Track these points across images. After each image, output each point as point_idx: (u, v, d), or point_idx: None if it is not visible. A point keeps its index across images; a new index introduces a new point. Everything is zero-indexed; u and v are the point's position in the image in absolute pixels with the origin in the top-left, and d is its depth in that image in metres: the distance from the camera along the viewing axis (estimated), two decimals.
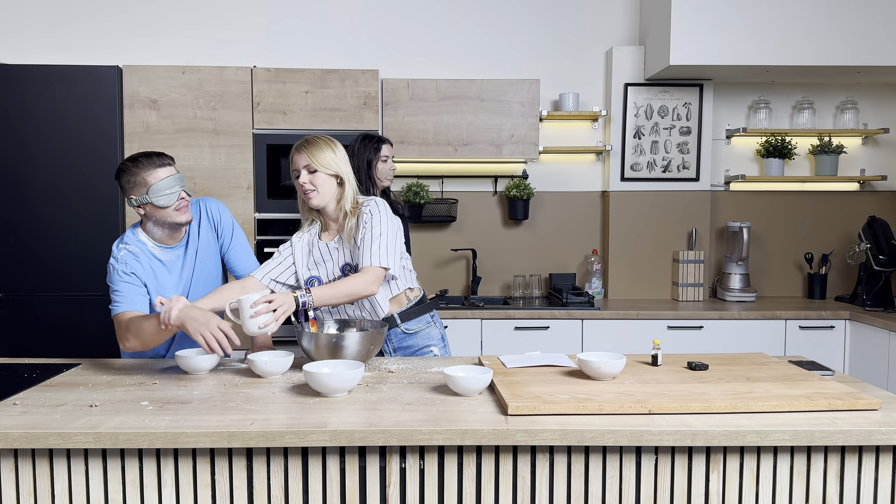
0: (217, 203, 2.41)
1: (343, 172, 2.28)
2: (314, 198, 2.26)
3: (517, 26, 4.19)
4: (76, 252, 3.50)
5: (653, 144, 4.13)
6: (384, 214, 2.28)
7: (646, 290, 4.19)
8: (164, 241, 2.29)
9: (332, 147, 2.28)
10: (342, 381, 1.84)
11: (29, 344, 3.49)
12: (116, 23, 4.05)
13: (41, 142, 3.50)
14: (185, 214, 2.22)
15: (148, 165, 2.16)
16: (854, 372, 3.68)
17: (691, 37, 3.67)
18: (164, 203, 2.16)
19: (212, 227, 2.38)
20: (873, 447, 1.64)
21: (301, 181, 2.25)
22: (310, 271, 2.36)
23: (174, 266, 2.32)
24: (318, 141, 2.28)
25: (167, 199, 2.16)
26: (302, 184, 2.25)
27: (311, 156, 2.24)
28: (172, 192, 2.17)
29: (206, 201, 2.39)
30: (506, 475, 1.64)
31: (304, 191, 2.26)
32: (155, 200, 2.15)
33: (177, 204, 2.19)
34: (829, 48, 3.68)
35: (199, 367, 2.10)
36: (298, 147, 2.27)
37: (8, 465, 1.62)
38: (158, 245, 2.28)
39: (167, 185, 2.16)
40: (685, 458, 1.64)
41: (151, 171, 2.16)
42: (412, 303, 2.45)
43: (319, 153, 2.25)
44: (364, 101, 3.67)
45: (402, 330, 2.43)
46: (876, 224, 3.90)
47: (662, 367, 2.13)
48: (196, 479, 1.63)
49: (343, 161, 2.29)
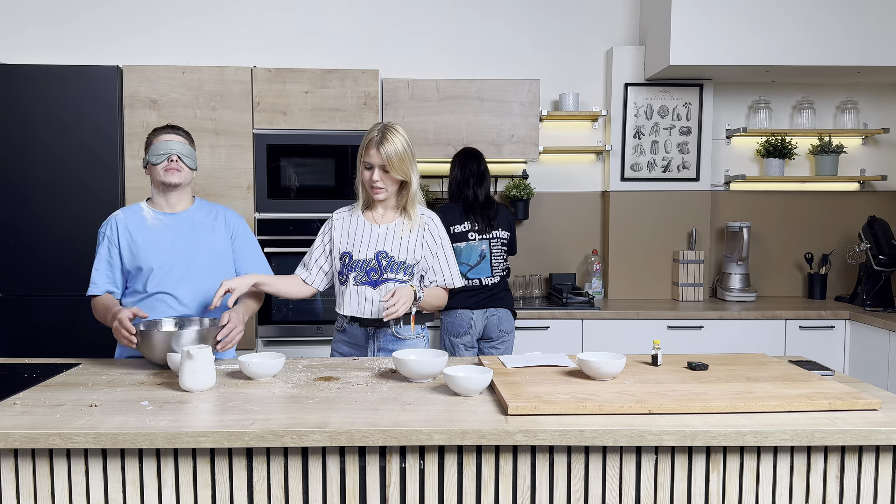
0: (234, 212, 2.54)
1: (412, 176, 2.38)
2: (380, 194, 2.38)
3: (517, 26, 4.19)
4: (76, 252, 3.50)
5: (653, 144, 4.13)
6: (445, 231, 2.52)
7: (646, 290, 4.19)
8: (162, 206, 2.42)
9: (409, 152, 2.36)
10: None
11: (29, 344, 3.49)
12: (116, 23, 4.05)
13: (41, 142, 3.50)
14: (173, 175, 2.35)
15: (159, 132, 2.39)
16: (854, 372, 3.68)
17: (691, 37, 3.67)
18: (155, 161, 2.34)
19: (226, 226, 2.47)
20: (873, 447, 1.64)
21: (374, 178, 2.34)
22: (344, 246, 2.43)
23: (167, 234, 2.39)
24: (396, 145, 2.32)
25: (157, 158, 2.34)
26: (374, 181, 2.35)
27: (389, 161, 2.31)
28: (165, 152, 2.33)
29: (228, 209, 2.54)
30: (506, 475, 1.64)
31: (373, 187, 2.36)
32: (150, 158, 2.35)
33: (166, 164, 2.33)
34: (830, 48, 3.68)
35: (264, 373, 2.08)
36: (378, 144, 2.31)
37: (8, 465, 1.62)
38: (154, 210, 2.41)
39: (162, 147, 2.34)
40: (685, 458, 1.64)
41: (159, 135, 2.38)
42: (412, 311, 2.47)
43: (398, 160, 2.32)
44: (364, 101, 3.67)
45: (394, 333, 2.42)
46: (876, 224, 3.89)
47: (662, 367, 2.13)
48: (196, 479, 1.62)
49: (413, 162, 2.38)
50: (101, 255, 2.38)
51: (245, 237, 2.49)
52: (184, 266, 2.36)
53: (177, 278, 2.35)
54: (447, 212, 3.34)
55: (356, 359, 2.34)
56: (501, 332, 3.33)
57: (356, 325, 2.42)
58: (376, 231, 2.41)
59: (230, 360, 2.31)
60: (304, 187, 3.65)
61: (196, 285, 2.37)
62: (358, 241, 2.41)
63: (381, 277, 2.38)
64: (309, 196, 3.65)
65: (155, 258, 2.34)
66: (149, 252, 2.34)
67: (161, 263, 2.34)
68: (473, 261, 3.33)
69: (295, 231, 3.66)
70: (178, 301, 2.35)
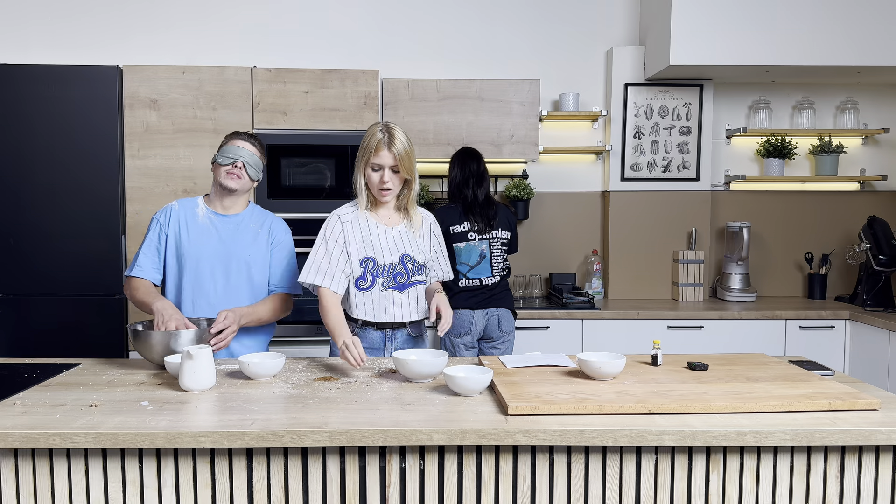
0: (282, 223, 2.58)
1: (416, 174, 2.39)
2: (388, 195, 2.37)
3: (517, 26, 4.19)
4: (76, 252, 3.50)
5: (653, 144, 4.13)
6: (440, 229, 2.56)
7: (646, 290, 4.19)
8: (216, 207, 2.50)
9: (412, 149, 2.37)
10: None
11: (29, 344, 3.49)
12: (116, 23, 4.05)
13: (41, 142, 3.50)
14: (232, 181, 2.43)
15: (234, 137, 2.48)
16: (854, 372, 3.68)
17: (691, 37, 3.67)
18: (222, 161, 2.42)
19: (269, 234, 2.52)
20: (873, 447, 1.65)
21: (385, 179, 2.33)
22: (365, 251, 2.37)
23: (213, 233, 2.45)
24: (404, 143, 2.33)
25: (224, 160, 2.42)
26: (385, 182, 2.33)
27: (401, 160, 2.32)
28: (232, 156, 2.42)
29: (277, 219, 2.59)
30: (506, 475, 1.64)
31: (382, 189, 2.34)
32: (218, 158, 2.43)
33: (229, 168, 2.42)
34: (830, 48, 3.68)
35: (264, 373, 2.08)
36: (389, 144, 2.31)
37: (8, 465, 1.62)
38: (209, 209, 2.49)
39: (232, 151, 2.43)
40: (685, 458, 1.64)
41: (234, 139, 2.47)
42: None
43: (407, 158, 2.33)
44: (364, 101, 3.67)
45: (409, 333, 2.45)
46: (876, 224, 3.90)
47: (662, 367, 2.13)
48: (196, 479, 1.63)
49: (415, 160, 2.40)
50: (150, 241, 2.46)
51: (281, 248, 2.53)
52: (220, 267, 2.42)
53: (209, 275, 2.41)
54: (447, 212, 3.34)
55: None
56: (502, 333, 3.33)
57: (371, 328, 2.41)
58: (391, 233, 2.40)
59: (230, 360, 2.31)
60: (304, 187, 3.65)
61: (226, 284, 2.43)
62: (379, 246, 2.37)
63: (408, 281, 2.39)
64: (309, 196, 3.65)
65: (196, 253, 2.41)
66: (191, 246, 2.41)
67: (199, 259, 2.41)
68: (473, 261, 3.33)
69: (295, 231, 3.63)
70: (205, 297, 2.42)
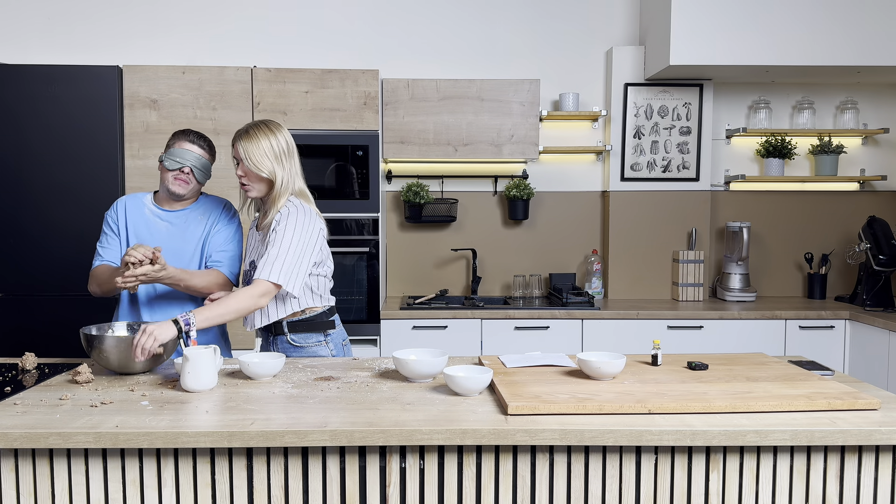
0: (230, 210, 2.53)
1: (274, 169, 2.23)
2: (250, 191, 2.29)
3: (517, 26, 4.19)
4: (77, 252, 3.50)
5: (653, 144, 4.13)
6: (297, 223, 2.20)
7: (646, 290, 4.19)
8: (161, 203, 2.48)
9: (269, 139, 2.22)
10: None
11: (29, 344, 3.49)
12: (116, 23, 4.05)
13: (41, 141, 3.50)
14: (179, 187, 2.39)
15: (181, 138, 2.40)
16: (854, 372, 3.69)
17: (691, 37, 3.67)
18: (168, 165, 2.37)
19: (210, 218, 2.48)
20: (873, 447, 1.65)
21: (238, 173, 2.28)
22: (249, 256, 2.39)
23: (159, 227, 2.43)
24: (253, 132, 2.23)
25: (171, 164, 2.36)
26: (238, 176, 2.28)
27: (245, 150, 2.22)
28: (179, 161, 2.36)
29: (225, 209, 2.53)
30: (506, 475, 1.64)
31: (241, 184, 2.29)
32: (165, 161, 2.37)
33: (176, 173, 2.37)
34: (830, 48, 3.68)
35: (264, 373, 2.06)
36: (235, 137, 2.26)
37: (8, 465, 1.62)
38: (155, 204, 2.47)
39: (179, 154, 2.37)
40: (685, 457, 1.64)
41: (181, 141, 2.39)
42: (305, 316, 2.34)
43: (252, 147, 2.21)
44: (364, 101, 3.67)
45: (288, 340, 2.34)
46: (876, 224, 3.90)
47: (662, 366, 2.13)
48: (196, 479, 1.63)
49: (274, 156, 2.22)
50: (104, 236, 2.48)
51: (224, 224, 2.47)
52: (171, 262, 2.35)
53: None
54: None
55: (356, 359, 2.34)
56: None
57: None
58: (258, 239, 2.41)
59: (230, 360, 2.31)
60: None
61: None
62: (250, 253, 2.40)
63: None
64: None
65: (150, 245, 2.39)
66: (140, 242, 2.40)
67: None
68: None
69: None
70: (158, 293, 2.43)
